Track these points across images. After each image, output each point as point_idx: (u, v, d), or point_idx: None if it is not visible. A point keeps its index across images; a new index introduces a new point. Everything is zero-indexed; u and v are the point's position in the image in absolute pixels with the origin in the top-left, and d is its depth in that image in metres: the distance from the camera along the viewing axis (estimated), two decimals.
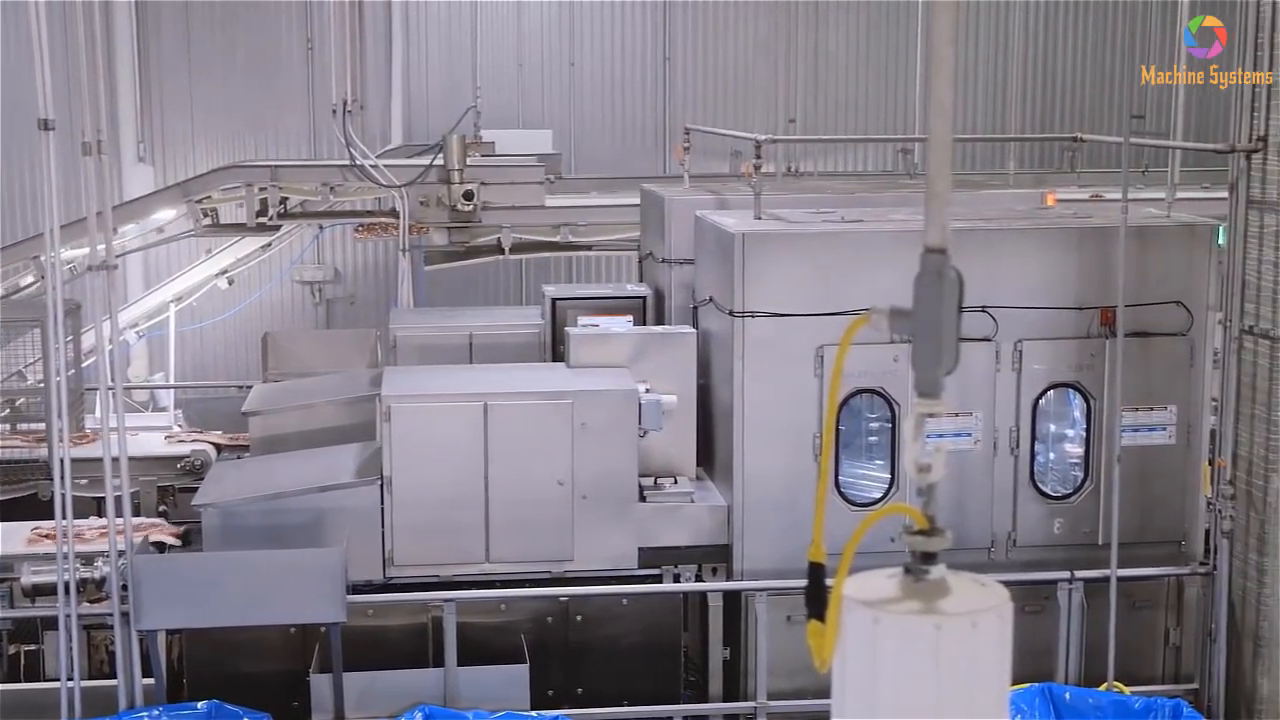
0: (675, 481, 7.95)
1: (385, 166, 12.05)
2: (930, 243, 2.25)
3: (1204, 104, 11.79)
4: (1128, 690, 7.27)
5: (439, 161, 11.85)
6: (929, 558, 2.30)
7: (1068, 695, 7.09)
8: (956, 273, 2.29)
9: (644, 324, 9.21)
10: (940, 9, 2.07)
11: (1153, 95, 13.64)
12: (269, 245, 13.19)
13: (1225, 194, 7.32)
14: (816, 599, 2.33)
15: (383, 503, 7.50)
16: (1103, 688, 7.28)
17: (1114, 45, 15.44)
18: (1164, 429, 7.82)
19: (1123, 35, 15.16)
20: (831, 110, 15.33)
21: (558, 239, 12.38)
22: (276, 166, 12.14)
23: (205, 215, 12.20)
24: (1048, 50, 15.85)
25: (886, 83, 15.37)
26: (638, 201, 10.77)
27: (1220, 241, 7.61)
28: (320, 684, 7.09)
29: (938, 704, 2.22)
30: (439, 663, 7.31)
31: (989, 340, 7.67)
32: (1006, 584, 7.12)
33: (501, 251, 12.27)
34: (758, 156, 8.45)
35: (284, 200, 12.24)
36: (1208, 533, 7.62)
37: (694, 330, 8.34)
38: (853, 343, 2.63)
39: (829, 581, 2.39)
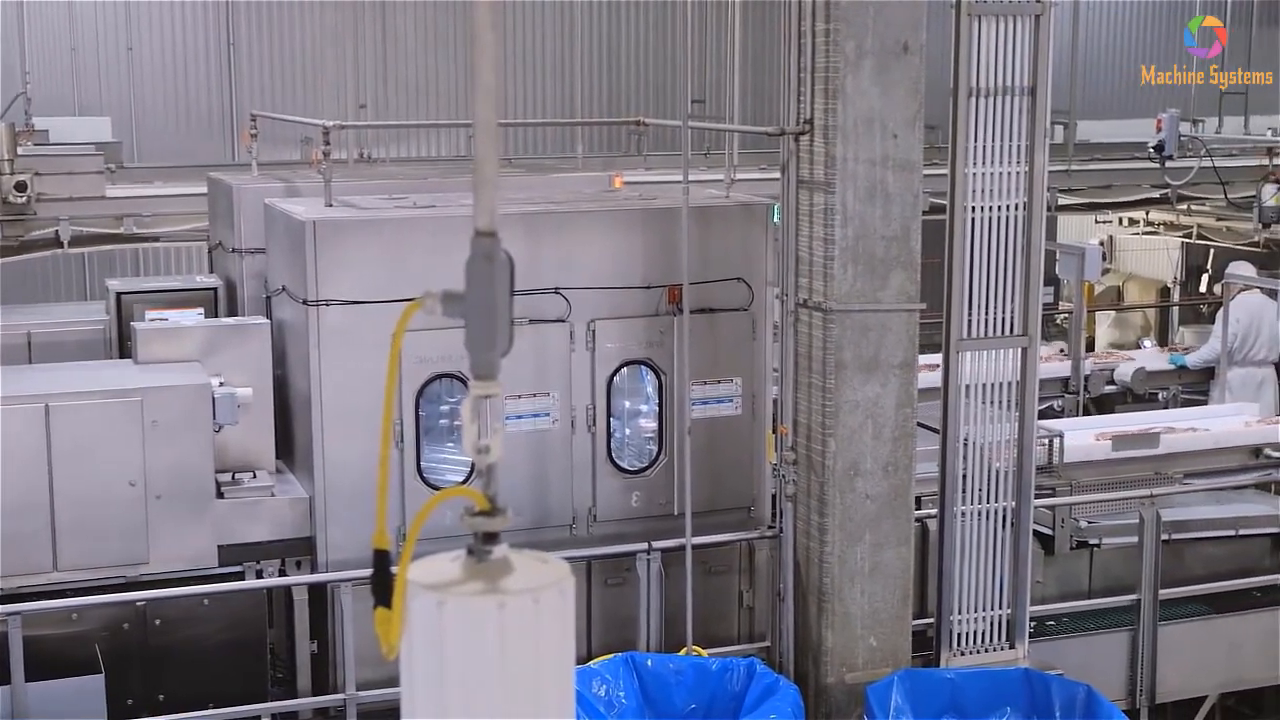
0: (254, 476, 7.78)
1: None
2: (480, 226, 2.27)
3: (759, 89, 12.34)
4: (705, 653, 7.57)
5: None
6: (491, 538, 2.33)
7: (650, 662, 7.32)
8: (507, 255, 2.32)
9: (215, 316, 8.96)
10: None
11: (712, 81, 14.20)
12: None
13: (779, 175, 7.67)
14: (382, 586, 2.32)
15: None
16: (682, 652, 7.55)
17: (676, 30, 15.92)
18: (730, 400, 8.17)
19: (684, 20, 15.66)
20: (402, 96, 15.25)
21: (121, 230, 11.87)
22: None
23: None
24: (612, 34, 16.23)
25: (457, 68, 15.41)
26: (205, 190, 10.46)
27: (775, 220, 7.99)
28: None
29: (504, 681, 2.25)
30: (6, 680, 6.91)
31: (563, 321, 7.82)
32: (588, 558, 7.32)
33: (60, 245, 11.67)
34: (326, 143, 8.35)
35: None
36: (774, 497, 8.00)
37: (267, 321, 8.17)
38: (431, 327, 2.62)
39: (395, 569, 2.38)
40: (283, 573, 7.74)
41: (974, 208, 7.47)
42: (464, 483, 7.82)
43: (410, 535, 2.34)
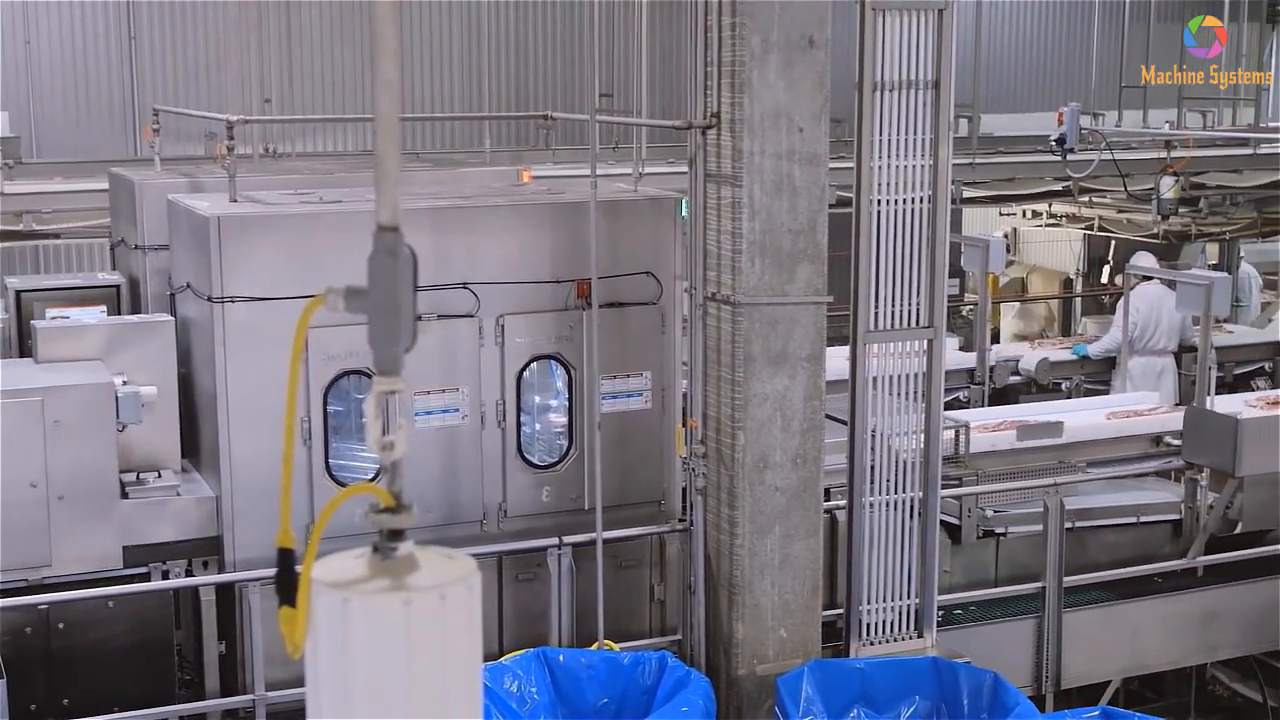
0: (159, 475, 7.69)
1: None
2: (382, 221, 2.25)
3: (666, 83, 12.35)
4: (617, 647, 7.58)
5: None
6: (396, 535, 2.32)
7: (561, 657, 7.31)
8: (410, 250, 2.31)
9: (118, 314, 8.83)
10: None
11: (620, 75, 14.21)
12: None
13: (686, 169, 7.69)
14: (286, 585, 2.30)
15: None
16: (594, 647, 7.56)
17: (583, 25, 15.91)
18: (640, 395, 8.18)
19: (591, 15, 15.64)
20: (308, 90, 15.11)
21: (20, 228, 11.67)
22: None
23: None
24: (520, 29, 16.18)
25: (363, 62, 15.29)
26: (106, 186, 10.31)
27: (683, 214, 8.01)
28: None
29: (410, 679, 2.24)
30: None
31: (472, 316, 7.80)
32: (499, 554, 7.29)
33: None
34: (230, 137, 8.25)
35: None
36: (684, 491, 8.02)
37: (172, 318, 8.07)
38: (339, 324, 2.60)
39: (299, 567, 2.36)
40: (189, 573, 7.65)
41: (880, 201, 7.54)
42: (373, 480, 7.77)
43: (314, 533, 2.32)
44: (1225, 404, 10.85)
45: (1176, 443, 9.89)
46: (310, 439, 7.53)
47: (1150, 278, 12.58)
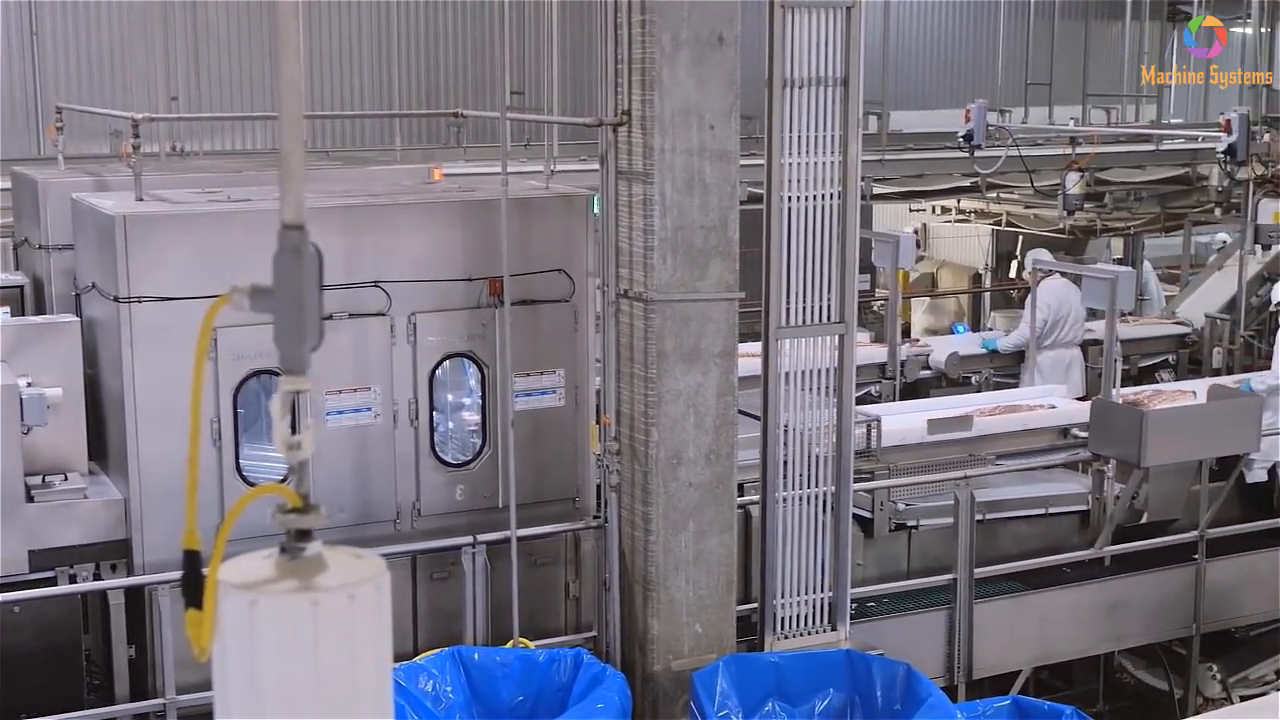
0: (66, 478, 7.57)
1: None
2: (287, 219, 2.24)
3: (578, 80, 12.36)
4: (532, 645, 7.57)
5: None
6: (304, 535, 2.30)
7: (476, 656, 7.30)
8: (316, 249, 2.30)
9: (22, 314, 8.69)
10: None
11: (532, 72, 14.19)
12: None
13: (598, 166, 7.69)
14: (192, 587, 2.28)
15: None
16: (509, 645, 7.54)
17: (494, 22, 15.84)
18: (554, 391, 8.17)
19: (502, 11, 15.60)
20: (215, 88, 14.93)
21: None
22: None
23: None
24: (430, 26, 16.10)
25: (270, 59, 15.14)
26: (8, 185, 10.14)
27: (595, 211, 8.02)
28: None
29: (319, 680, 2.22)
30: None
31: (384, 315, 7.75)
32: (413, 553, 7.25)
33: None
34: (136, 136, 8.15)
35: None
36: (598, 487, 8.03)
37: (77, 319, 7.95)
38: (248, 323, 2.57)
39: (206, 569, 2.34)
40: (98, 576, 7.55)
41: (790, 197, 7.58)
42: (284, 481, 7.71)
43: (220, 534, 2.30)
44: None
45: (1084, 435, 10.03)
46: (220, 439, 7.45)
47: (1053, 271, 12.73)
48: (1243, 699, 9.57)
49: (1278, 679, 10.13)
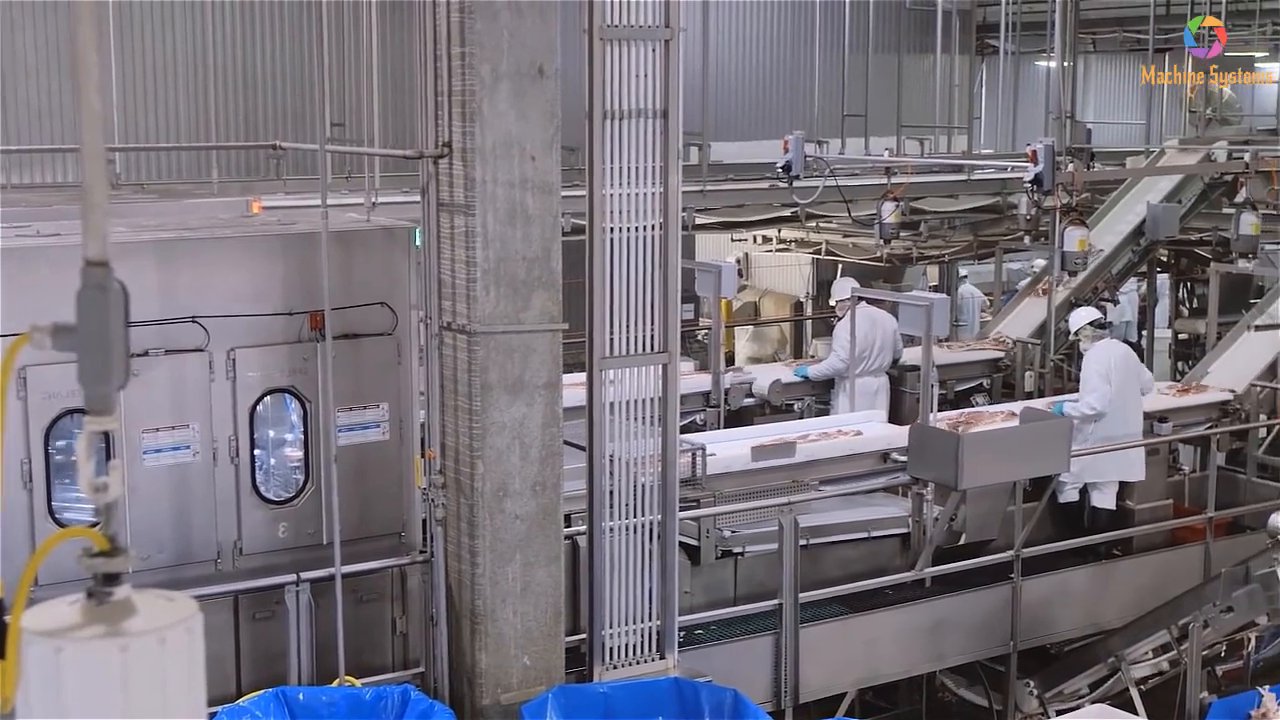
0: None
1: None
2: (90, 255, 2.19)
3: (399, 111, 12.27)
4: (359, 683, 7.47)
5: None
6: (112, 579, 2.24)
7: (301, 696, 7.16)
8: (120, 285, 2.24)
9: None
10: (81, 10, 2.01)
11: (352, 103, 14.06)
12: None
13: (420, 198, 7.65)
14: None
15: None
16: (335, 683, 7.43)
17: (313, 52, 15.66)
18: (377, 426, 8.08)
19: (320, 42, 15.47)
20: (24, 119, 14.53)
21: None
22: None
23: None
24: (248, 55, 15.87)
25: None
26: None
27: (417, 243, 7.96)
28: None
29: None
30: None
31: (202, 350, 7.59)
32: (234, 593, 7.06)
33: None
34: None
35: None
36: (424, 521, 7.95)
37: None
38: (61, 361, 2.50)
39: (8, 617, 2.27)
40: None
41: (613, 228, 7.62)
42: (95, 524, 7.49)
43: (24, 580, 2.23)
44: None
45: (903, 459, 10.23)
46: (31, 481, 7.22)
47: (862, 299, 12.82)
48: (1058, 713, 9.82)
49: (1090, 693, 10.42)
